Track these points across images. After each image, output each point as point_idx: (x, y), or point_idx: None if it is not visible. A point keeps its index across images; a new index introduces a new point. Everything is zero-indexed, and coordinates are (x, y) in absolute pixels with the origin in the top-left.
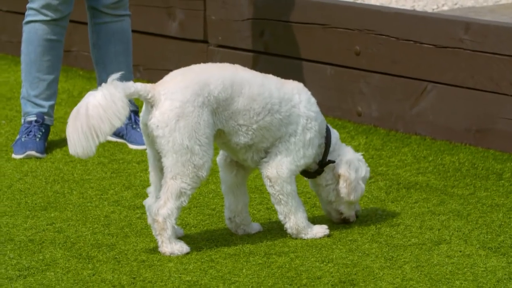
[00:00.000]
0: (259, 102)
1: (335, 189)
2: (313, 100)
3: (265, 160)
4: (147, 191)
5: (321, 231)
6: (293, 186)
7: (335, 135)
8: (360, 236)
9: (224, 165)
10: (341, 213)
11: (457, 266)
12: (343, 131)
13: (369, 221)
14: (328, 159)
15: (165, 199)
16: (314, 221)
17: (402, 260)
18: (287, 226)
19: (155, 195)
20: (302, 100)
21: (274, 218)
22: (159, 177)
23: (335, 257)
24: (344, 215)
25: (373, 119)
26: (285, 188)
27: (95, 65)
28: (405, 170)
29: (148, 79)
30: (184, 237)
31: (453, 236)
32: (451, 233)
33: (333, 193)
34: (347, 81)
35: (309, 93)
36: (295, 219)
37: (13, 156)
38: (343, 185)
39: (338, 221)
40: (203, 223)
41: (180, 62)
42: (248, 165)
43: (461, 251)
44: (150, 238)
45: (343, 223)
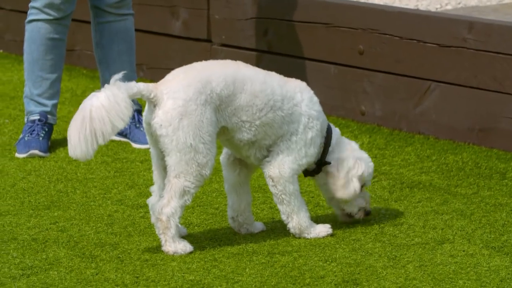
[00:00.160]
0: (262, 98)
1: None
2: (315, 99)
3: (267, 159)
4: (150, 190)
5: (324, 230)
6: (296, 185)
7: (336, 134)
8: (363, 235)
9: (227, 163)
10: (342, 209)
11: (460, 265)
12: (346, 130)
13: (372, 220)
14: (326, 160)
15: (168, 198)
16: (317, 220)
17: (405, 259)
18: (290, 226)
19: (159, 194)
20: (304, 98)
21: (277, 217)
22: (162, 176)
23: (338, 256)
24: (345, 211)
25: (376, 118)
26: (287, 187)
27: (98, 64)
28: (408, 169)
29: (151, 78)
30: (187, 236)
31: (456, 235)
32: (454, 233)
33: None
34: (350, 80)
35: (311, 92)
36: (298, 218)
37: (17, 155)
38: (329, 182)
39: (343, 218)
40: (207, 222)
41: (183, 61)
42: (251, 162)
43: (464, 251)
44: (153, 237)
45: (348, 220)
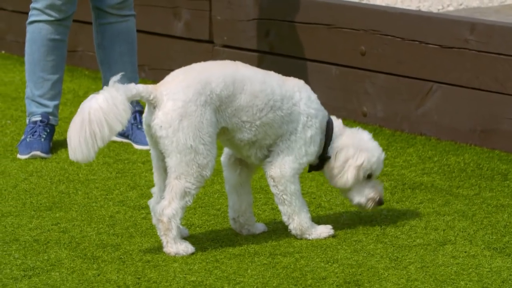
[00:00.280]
0: (262, 98)
1: None
2: (313, 97)
3: (268, 160)
4: (151, 192)
5: (325, 231)
6: (297, 185)
7: (338, 126)
8: (365, 236)
9: (228, 164)
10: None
11: (462, 266)
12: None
13: (374, 221)
14: (327, 154)
15: (169, 199)
16: (318, 221)
17: (407, 260)
18: (291, 227)
19: (159, 196)
20: (302, 97)
21: (279, 218)
22: (163, 177)
23: (340, 257)
24: (353, 202)
25: (378, 120)
26: (288, 187)
27: (100, 65)
28: (410, 170)
29: (153, 79)
30: (189, 238)
31: (458, 236)
32: (456, 234)
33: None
34: (352, 81)
35: (309, 90)
36: (299, 219)
37: (18, 156)
38: (325, 170)
39: (358, 206)
40: (208, 224)
41: (185, 62)
42: (252, 162)
43: (466, 252)
44: (155, 238)
45: (361, 209)
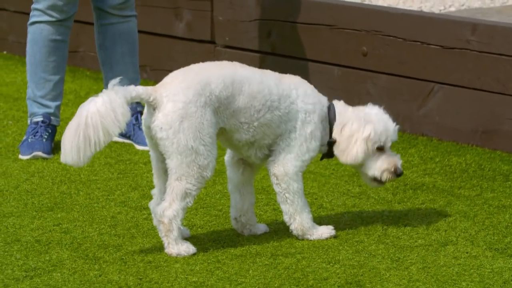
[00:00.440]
0: (259, 99)
1: None
2: (309, 91)
3: (271, 158)
4: (151, 193)
5: (327, 231)
6: (300, 184)
7: (339, 108)
8: (366, 237)
9: (231, 163)
10: (365, 174)
11: (463, 267)
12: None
13: (375, 222)
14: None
15: (170, 201)
16: (320, 222)
17: (408, 261)
18: (292, 227)
19: (160, 197)
20: (299, 95)
21: (280, 219)
22: (163, 178)
23: (341, 258)
24: (368, 176)
25: None
26: (291, 186)
27: (101, 66)
28: (411, 171)
29: (155, 79)
30: (190, 238)
31: (460, 237)
32: (457, 234)
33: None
34: (354, 82)
35: (305, 85)
36: (300, 219)
37: (20, 156)
38: (336, 153)
39: (372, 184)
40: (210, 224)
41: (187, 62)
42: (253, 162)
43: (467, 252)
44: (156, 239)
45: (377, 185)
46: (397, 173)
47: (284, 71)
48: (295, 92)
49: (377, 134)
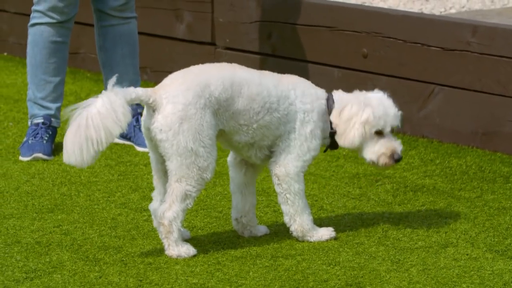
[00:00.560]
0: (258, 101)
1: None
2: (307, 90)
3: (272, 159)
4: (151, 195)
5: (327, 233)
6: (301, 185)
7: (336, 95)
8: (367, 239)
9: (234, 163)
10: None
11: (463, 269)
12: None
13: (376, 224)
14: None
15: (170, 202)
16: (320, 223)
17: (408, 263)
18: (292, 228)
19: (160, 199)
20: (297, 95)
21: (281, 221)
22: (162, 180)
23: (341, 260)
24: (366, 161)
25: None
26: (292, 186)
27: (102, 68)
28: (412, 173)
29: (155, 81)
30: (190, 240)
31: (460, 239)
32: (458, 236)
33: None
34: (354, 84)
35: (303, 84)
36: (301, 220)
37: (20, 158)
38: (339, 142)
39: (379, 168)
40: (210, 226)
41: (187, 64)
42: (254, 162)
43: (468, 254)
44: (157, 240)
45: (378, 168)
46: (394, 158)
47: (284, 72)
48: (293, 92)
49: (376, 118)
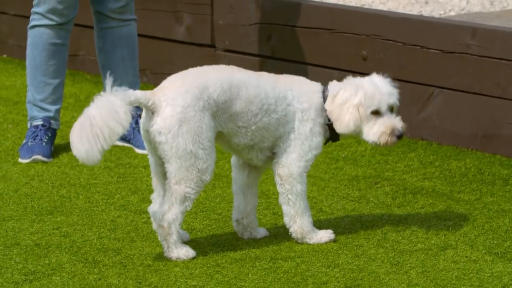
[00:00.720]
0: (256, 103)
1: None
2: (303, 88)
3: (275, 160)
4: (150, 198)
5: (326, 236)
6: (303, 186)
7: (331, 85)
8: (366, 241)
9: (237, 165)
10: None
11: (463, 271)
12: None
13: (375, 226)
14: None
15: (169, 205)
16: (320, 226)
17: (408, 265)
18: (292, 230)
19: (159, 201)
20: (294, 95)
21: (280, 223)
22: (161, 183)
23: (341, 262)
24: (370, 143)
25: None
26: (295, 187)
27: (101, 70)
28: (411, 175)
29: (155, 83)
30: (190, 242)
31: (459, 241)
32: (457, 239)
33: None
34: None
35: (298, 82)
36: (301, 222)
37: (20, 160)
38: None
39: (380, 145)
40: (209, 228)
41: (187, 66)
42: (255, 164)
43: (467, 257)
44: (156, 242)
45: (382, 146)
46: (395, 135)
47: None
48: (291, 93)
49: (368, 97)
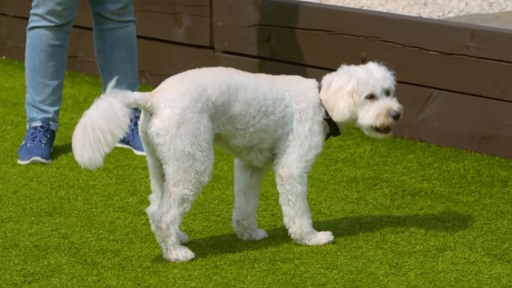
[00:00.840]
0: (254, 105)
1: None
2: (299, 88)
3: (275, 161)
4: (149, 199)
5: (325, 237)
6: (304, 187)
7: (324, 82)
8: (365, 243)
9: (240, 166)
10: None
11: (461, 273)
12: (348, 138)
13: (374, 227)
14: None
15: (167, 206)
16: (318, 227)
17: (406, 267)
18: (291, 230)
19: (157, 203)
20: (292, 96)
21: (279, 224)
22: (160, 184)
23: (339, 263)
24: (364, 127)
25: None
26: (295, 188)
27: (100, 71)
28: (410, 177)
29: (154, 85)
30: (189, 243)
31: (458, 243)
32: (456, 240)
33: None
34: None
35: (295, 82)
36: (300, 223)
37: (19, 162)
38: (333, 124)
39: (373, 134)
40: (208, 229)
41: (186, 68)
42: (256, 165)
43: (465, 258)
44: (155, 244)
45: (379, 135)
46: (391, 115)
47: None
48: (288, 94)
49: (362, 83)
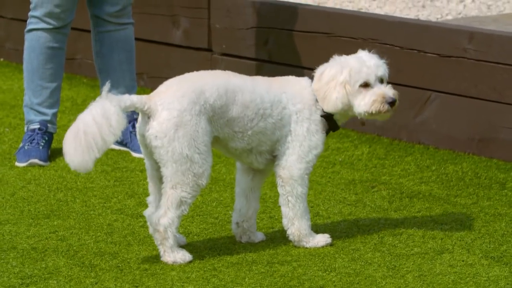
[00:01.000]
0: (252, 108)
1: None
2: (294, 88)
3: (276, 163)
4: (147, 201)
5: (323, 240)
6: (304, 189)
7: (318, 71)
8: (362, 245)
9: (242, 168)
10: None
11: (459, 275)
12: (346, 140)
13: (371, 230)
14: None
15: (165, 209)
16: (316, 230)
17: (404, 269)
18: (289, 232)
19: (155, 205)
20: (288, 98)
21: (277, 227)
22: (158, 186)
23: (337, 266)
24: (361, 115)
25: (376, 128)
26: (295, 189)
27: (98, 74)
28: (408, 179)
29: (152, 87)
30: (186, 246)
31: (456, 245)
32: (453, 243)
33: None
34: None
35: (290, 83)
36: (299, 225)
37: (16, 164)
38: (331, 120)
39: (372, 116)
40: (206, 232)
41: (184, 70)
42: (257, 167)
43: (463, 261)
44: (153, 246)
45: (376, 116)
46: (387, 101)
47: None
48: (285, 96)
49: (355, 72)
